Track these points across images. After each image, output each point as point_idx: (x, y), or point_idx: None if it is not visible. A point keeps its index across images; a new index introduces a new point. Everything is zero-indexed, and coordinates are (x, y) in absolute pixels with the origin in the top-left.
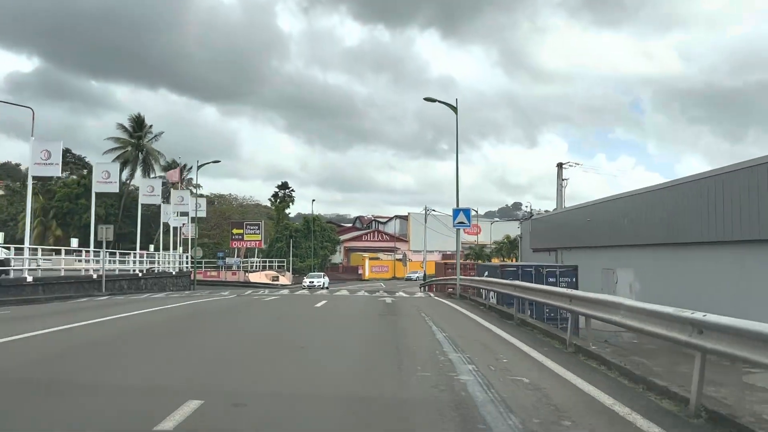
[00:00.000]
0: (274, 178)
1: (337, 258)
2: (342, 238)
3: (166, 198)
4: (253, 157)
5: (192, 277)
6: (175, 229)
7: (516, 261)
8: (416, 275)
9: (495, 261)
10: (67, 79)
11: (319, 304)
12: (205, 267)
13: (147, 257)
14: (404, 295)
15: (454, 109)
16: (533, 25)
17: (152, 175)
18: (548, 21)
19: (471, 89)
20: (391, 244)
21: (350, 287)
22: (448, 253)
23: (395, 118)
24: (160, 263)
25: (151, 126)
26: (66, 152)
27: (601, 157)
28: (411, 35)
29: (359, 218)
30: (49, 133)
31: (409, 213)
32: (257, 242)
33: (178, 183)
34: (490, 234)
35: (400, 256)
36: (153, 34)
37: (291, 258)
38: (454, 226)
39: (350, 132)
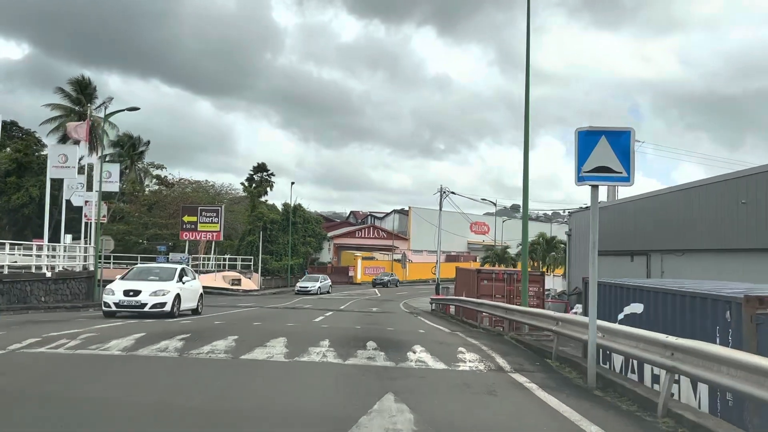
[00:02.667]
0: (272, 176)
1: (326, 256)
2: (332, 234)
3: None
4: (248, 153)
5: (98, 279)
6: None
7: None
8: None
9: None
10: (57, 67)
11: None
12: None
13: (47, 250)
14: (409, 325)
15: None
16: (531, 24)
17: (100, 152)
18: (547, 21)
19: (467, 89)
20: (388, 242)
21: (333, 295)
22: (453, 253)
23: (391, 116)
24: (62, 258)
25: (95, 88)
26: (11, 125)
27: None
28: (407, 32)
29: (353, 213)
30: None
31: (410, 207)
32: (214, 234)
33: (85, 140)
34: (501, 233)
35: (398, 256)
36: (145, 22)
37: (260, 255)
38: (579, 180)
39: (346, 129)
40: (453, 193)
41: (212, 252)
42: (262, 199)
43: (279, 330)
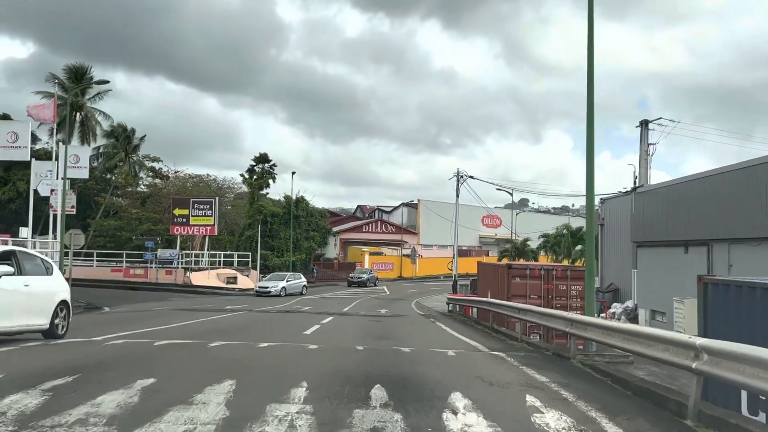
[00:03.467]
0: (279, 171)
1: (332, 252)
2: (338, 228)
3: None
4: (254, 149)
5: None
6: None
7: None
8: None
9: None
10: (61, 65)
11: None
12: (126, 263)
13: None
14: (430, 338)
15: None
16: (537, 15)
17: (93, 144)
18: (552, 12)
19: (473, 82)
20: (397, 237)
21: (336, 293)
22: (464, 248)
23: (397, 111)
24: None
25: (92, 78)
26: (2, 118)
27: (606, 155)
28: (412, 26)
29: (360, 207)
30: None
31: (419, 200)
32: (208, 228)
33: (52, 122)
34: (514, 226)
35: (407, 251)
36: (149, 19)
37: (259, 250)
38: None
39: (352, 125)
40: (471, 177)
41: (206, 247)
42: (264, 192)
43: (239, 358)
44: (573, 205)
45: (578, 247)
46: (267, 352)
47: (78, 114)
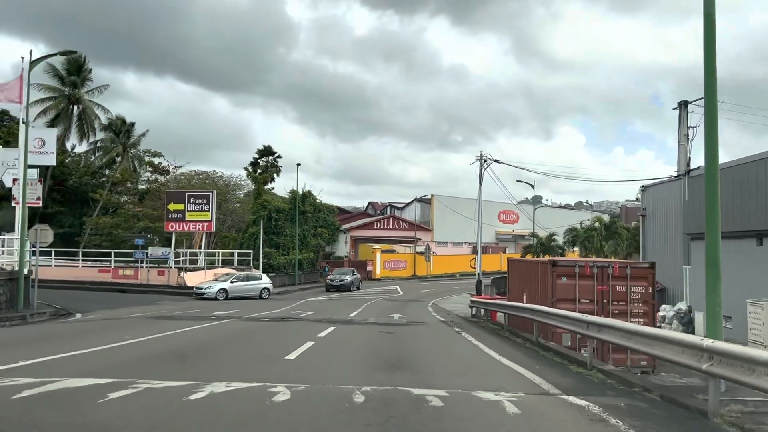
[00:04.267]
0: (288, 170)
1: (342, 250)
2: (349, 225)
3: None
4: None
5: (32, 279)
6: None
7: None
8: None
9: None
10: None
11: None
12: (115, 263)
13: None
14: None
15: None
16: (547, 11)
17: (91, 139)
18: (563, 7)
19: (483, 79)
20: (410, 234)
21: (346, 296)
22: (481, 245)
23: (407, 109)
24: None
25: (90, 70)
26: (1, 114)
27: (619, 151)
28: (421, 23)
29: (371, 204)
30: None
31: (432, 195)
32: (205, 224)
33: (18, 103)
34: (535, 220)
35: (421, 249)
36: (159, 19)
37: (261, 248)
38: None
39: (362, 123)
40: (497, 161)
41: (203, 245)
42: (269, 186)
43: (164, 413)
44: (587, 201)
45: (611, 242)
46: (194, 415)
47: (75, 107)
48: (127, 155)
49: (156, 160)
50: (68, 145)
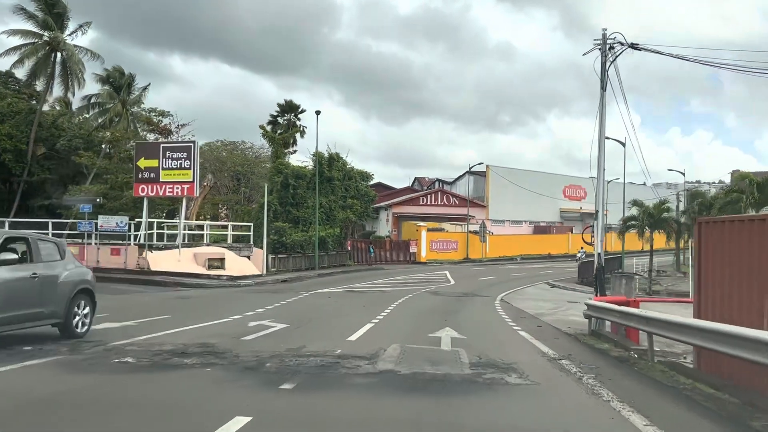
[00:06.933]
0: (305, 125)
1: (384, 229)
2: (389, 202)
3: None
4: (311, 132)
5: None
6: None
7: None
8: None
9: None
10: (119, 50)
11: None
12: (68, 234)
13: None
14: None
15: None
16: None
17: (78, 92)
18: None
19: (531, 57)
20: (461, 210)
21: (372, 283)
22: (542, 224)
23: (453, 89)
24: None
25: (67, 7)
26: (5, 76)
27: (675, 131)
28: (466, 0)
29: (418, 179)
30: None
31: (488, 166)
32: (185, 187)
33: None
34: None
35: (475, 227)
36: (204, 2)
37: (265, 222)
38: None
39: (407, 105)
40: (633, 46)
41: (184, 215)
42: (291, 150)
43: None
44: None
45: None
46: None
47: (58, 54)
48: (127, 113)
49: (161, 120)
50: (50, 99)
